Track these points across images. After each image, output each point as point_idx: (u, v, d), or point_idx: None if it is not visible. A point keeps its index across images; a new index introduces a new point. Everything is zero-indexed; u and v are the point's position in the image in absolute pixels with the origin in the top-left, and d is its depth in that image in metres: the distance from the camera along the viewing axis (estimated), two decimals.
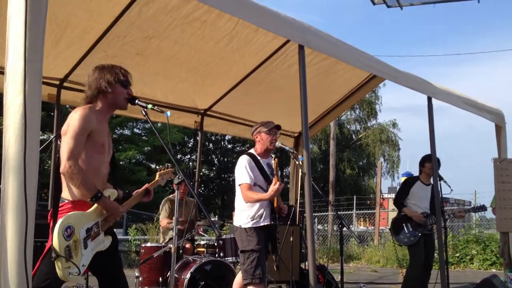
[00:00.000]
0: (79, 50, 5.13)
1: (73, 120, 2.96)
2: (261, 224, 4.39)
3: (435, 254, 6.22)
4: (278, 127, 4.64)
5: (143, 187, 3.48)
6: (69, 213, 2.90)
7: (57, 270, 2.77)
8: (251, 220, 4.38)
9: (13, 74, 2.43)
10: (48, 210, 3.68)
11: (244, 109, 7.19)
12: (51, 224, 2.97)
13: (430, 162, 5.98)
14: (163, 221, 6.83)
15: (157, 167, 3.81)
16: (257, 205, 4.40)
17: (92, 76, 3.16)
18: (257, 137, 4.65)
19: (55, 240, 2.76)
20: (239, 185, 4.46)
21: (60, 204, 2.98)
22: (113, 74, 3.15)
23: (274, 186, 4.23)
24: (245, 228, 4.40)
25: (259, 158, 4.57)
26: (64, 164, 2.88)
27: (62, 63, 5.33)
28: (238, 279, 4.68)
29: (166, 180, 3.72)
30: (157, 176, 3.68)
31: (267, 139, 4.57)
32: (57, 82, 5.63)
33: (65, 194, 2.99)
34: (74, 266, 2.82)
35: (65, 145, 2.91)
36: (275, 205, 4.42)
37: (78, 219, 2.91)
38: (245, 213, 4.43)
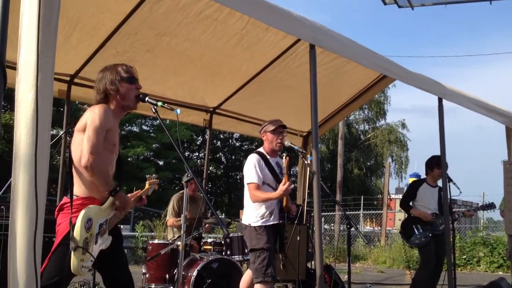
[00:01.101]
0: (90, 46, 5.14)
1: (94, 116, 2.97)
2: (271, 223, 4.39)
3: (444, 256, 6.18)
4: (283, 127, 4.63)
5: (137, 194, 3.48)
6: (90, 206, 2.91)
7: (72, 262, 2.78)
8: (261, 219, 4.38)
9: (26, 69, 2.44)
10: (57, 205, 3.70)
11: (253, 108, 7.18)
12: (58, 219, 2.99)
13: (439, 168, 5.90)
14: (170, 219, 6.87)
15: (147, 176, 3.83)
16: (267, 203, 4.39)
17: (97, 80, 3.18)
18: (263, 137, 4.66)
19: (77, 230, 2.79)
20: (247, 184, 4.46)
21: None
22: (115, 73, 3.14)
23: (283, 186, 4.22)
24: (254, 227, 4.39)
25: (268, 157, 4.57)
26: (87, 158, 2.88)
27: (73, 59, 5.35)
28: (246, 278, 4.68)
29: (152, 190, 3.73)
30: (147, 184, 3.70)
31: (272, 139, 4.57)
32: (68, 78, 5.64)
33: (75, 190, 3.00)
34: (87, 259, 2.85)
35: (87, 139, 2.92)
36: (284, 204, 4.41)
37: (96, 212, 2.94)
38: (255, 212, 4.43)
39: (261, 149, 4.65)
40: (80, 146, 2.96)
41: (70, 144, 3.08)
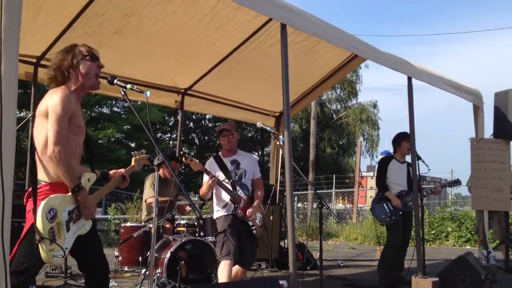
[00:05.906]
0: (56, 27, 5.02)
1: (54, 103, 2.88)
2: (225, 213, 4.88)
3: (412, 231, 6.31)
4: (225, 130, 4.99)
5: (120, 172, 3.44)
6: (51, 196, 2.86)
7: (41, 253, 2.75)
8: (216, 211, 4.96)
9: None
10: (26, 189, 3.62)
11: (225, 89, 7.15)
12: (27, 206, 2.93)
13: (407, 141, 6.01)
14: (150, 198, 6.85)
15: (133, 152, 3.78)
16: (220, 198, 4.92)
17: (56, 60, 3.10)
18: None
19: (39, 222, 2.75)
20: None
21: (37, 186, 2.91)
22: (76, 52, 3.10)
23: (205, 181, 4.80)
24: (216, 218, 4.97)
25: (222, 157, 5.00)
26: (52, 149, 2.82)
27: (39, 40, 5.22)
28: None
29: (141, 166, 3.70)
30: (133, 161, 3.65)
31: (220, 141, 5.02)
32: (34, 60, 5.52)
33: (41, 176, 2.94)
34: (58, 249, 2.81)
35: (50, 129, 2.84)
36: (231, 198, 4.88)
37: (60, 201, 2.89)
38: (215, 206, 5.02)
39: (220, 152, 5.10)
40: (43, 132, 2.90)
41: (33, 129, 3.01)
